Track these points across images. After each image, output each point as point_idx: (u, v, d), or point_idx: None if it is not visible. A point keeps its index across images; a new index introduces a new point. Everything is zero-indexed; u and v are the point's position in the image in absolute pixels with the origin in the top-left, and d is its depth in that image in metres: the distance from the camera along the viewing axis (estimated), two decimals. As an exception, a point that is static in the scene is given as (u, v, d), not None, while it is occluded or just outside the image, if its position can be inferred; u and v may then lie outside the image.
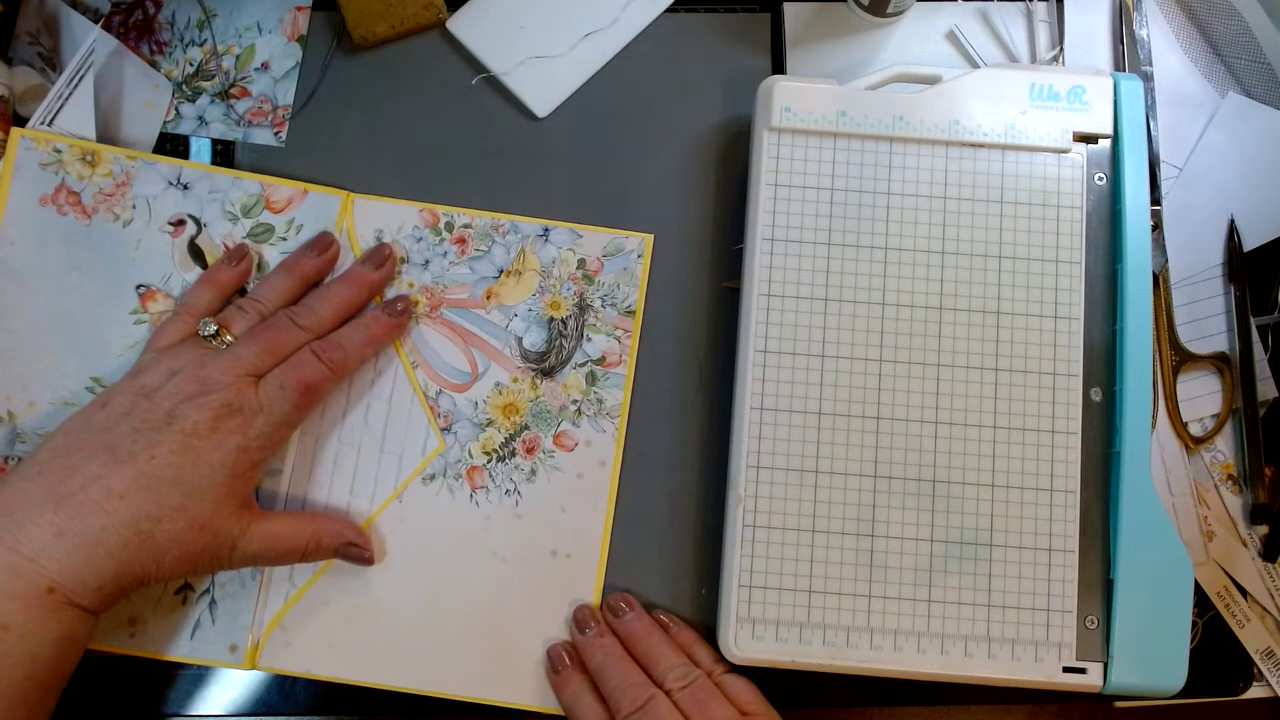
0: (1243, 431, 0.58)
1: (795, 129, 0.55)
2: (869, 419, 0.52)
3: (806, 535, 0.51)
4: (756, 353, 0.53)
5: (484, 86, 0.61)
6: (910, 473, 0.52)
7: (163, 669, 0.55)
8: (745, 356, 0.53)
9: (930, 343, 0.53)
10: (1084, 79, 0.55)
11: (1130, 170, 0.54)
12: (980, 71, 0.56)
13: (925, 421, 0.52)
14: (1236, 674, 0.56)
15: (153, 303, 0.57)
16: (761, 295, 0.53)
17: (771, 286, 0.54)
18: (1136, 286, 0.53)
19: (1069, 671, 0.50)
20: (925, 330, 0.53)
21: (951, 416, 0.52)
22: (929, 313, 0.53)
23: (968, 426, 0.52)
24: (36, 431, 0.55)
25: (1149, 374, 0.52)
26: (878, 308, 0.53)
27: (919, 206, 0.54)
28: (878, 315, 0.53)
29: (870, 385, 0.53)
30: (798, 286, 0.53)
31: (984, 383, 0.52)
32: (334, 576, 0.55)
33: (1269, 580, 0.56)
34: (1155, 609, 0.50)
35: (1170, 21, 0.62)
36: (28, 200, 0.56)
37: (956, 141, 0.54)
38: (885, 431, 0.52)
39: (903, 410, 0.52)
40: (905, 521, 0.52)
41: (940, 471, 0.52)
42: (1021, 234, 0.54)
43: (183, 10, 0.62)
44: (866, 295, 0.53)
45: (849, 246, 0.54)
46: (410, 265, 0.58)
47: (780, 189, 0.54)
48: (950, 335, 0.53)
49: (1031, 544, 0.51)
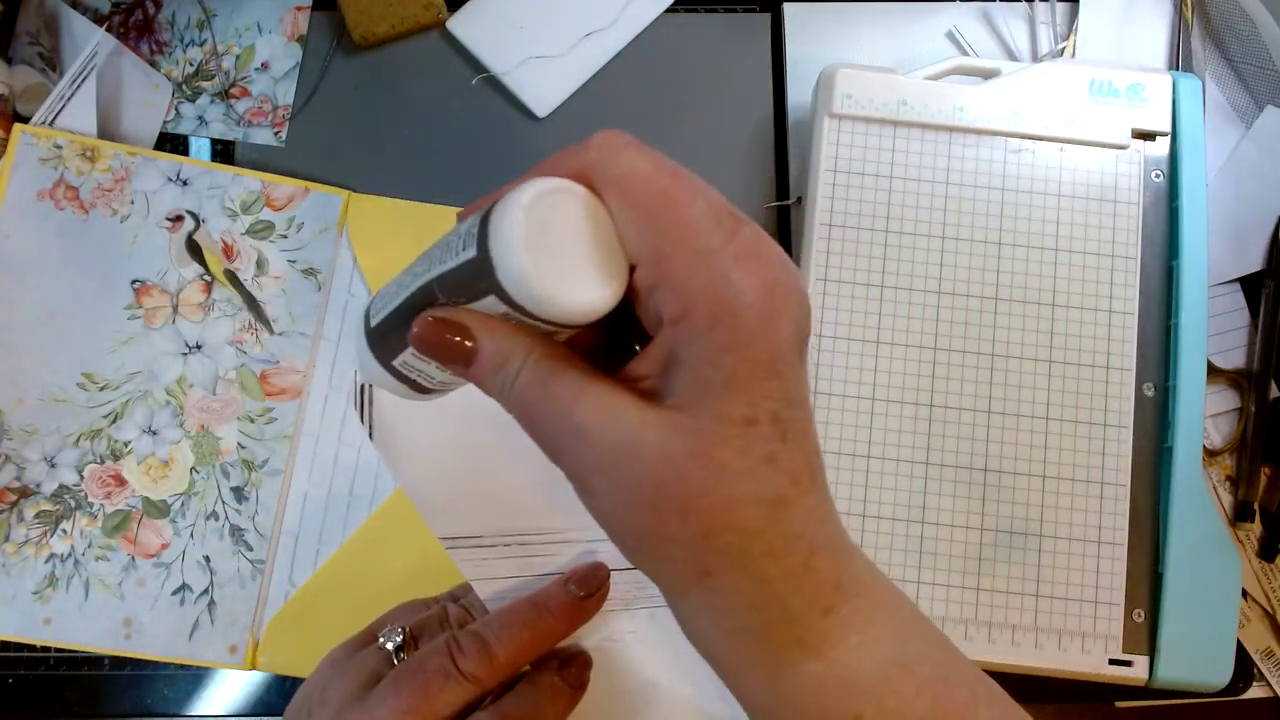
0: (1247, 430, 0.57)
1: (855, 116, 0.54)
2: (922, 406, 0.52)
3: (857, 520, 0.51)
4: (812, 337, 0.53)
5: (484, 86, 0.61)
6: (962, 461, 0.51)
7: (163, 669, 0.54)
8: None
9: (985, 333, 0.52)
10: (1143, 76, 0.55)
11: (1187, 167, 0.53)
12: (1041, 66, 0.55)
13: (978, 411, 0.52)
14: (1236, 674, 0.55)
15: (147, 298, 0.56)
16: (818, 280, 0.53)
17: (829, 272, 0.53)
18: (1192, 283, 0.52)
19: (1115, 664, 0.49)
20: (980, 320, 0.52)
21: (1004, 406, 0.52)
22: (984, 303, 0.53)
23: (1020, 417, 0.52)
24: (24, 428, 0.54)
25: (1202, 370, 0.52)
26: (934, 296, 0.53)
27: (976, 197, 0.53)
28: (933, 304, 0.53)
29: (924, 373, 0.52)
30: (854, 272, 0.53)
31: (1037, 374, 0.52)
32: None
33: (1266, 580, 0.56)
34: (1203, 604, 0.50)
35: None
36: (25, 194, 0.55)
37: (1016, 134, 0.54)
38: (938, 419, 0.52)
39: (955, 399, 0.52)
40: (956, 509, 0.51)
41: (992, 461, 0.51)
42: (1078, 228, 0.53)
43: (183, 10, 0.61)
44: (923, 284, 0.53)
45: (906, 234, 0.53)
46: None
47: (839, 175, 0.54)
48: (1005, 326, 0.52)
49: (1081, 536, 0.51)
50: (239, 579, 0.53)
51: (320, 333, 0.56)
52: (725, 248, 0.26)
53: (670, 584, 0.29)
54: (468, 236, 0.26)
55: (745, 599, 0.28)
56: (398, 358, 0.31)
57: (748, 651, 0.29)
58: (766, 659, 0.29)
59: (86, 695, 0.53)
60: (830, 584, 0.28)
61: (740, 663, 0.29)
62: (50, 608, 0.52)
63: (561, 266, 0.26)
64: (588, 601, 0.38)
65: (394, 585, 0.53)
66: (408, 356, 0.31)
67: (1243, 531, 0.56)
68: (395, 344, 0.31)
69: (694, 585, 0.28)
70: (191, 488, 0.54)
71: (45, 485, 0.54)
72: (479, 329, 0.28)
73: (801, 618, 0.28)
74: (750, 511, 0.27)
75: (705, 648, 0.30)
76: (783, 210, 0.59)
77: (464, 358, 0.28)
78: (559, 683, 0.38)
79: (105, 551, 0.53)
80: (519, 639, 0.37)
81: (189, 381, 0.55)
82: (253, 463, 0.54)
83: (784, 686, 0.29)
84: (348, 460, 0.55)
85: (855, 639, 0.29)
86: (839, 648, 0.28)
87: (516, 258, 0.25)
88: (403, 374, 0.32)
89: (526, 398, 0.28)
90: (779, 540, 0.27)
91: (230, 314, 0.56)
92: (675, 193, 0.26)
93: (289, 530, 0.54)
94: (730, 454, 0.26)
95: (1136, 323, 0.53)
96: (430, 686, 0.35)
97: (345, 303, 0.56)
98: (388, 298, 0.31)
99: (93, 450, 0.54)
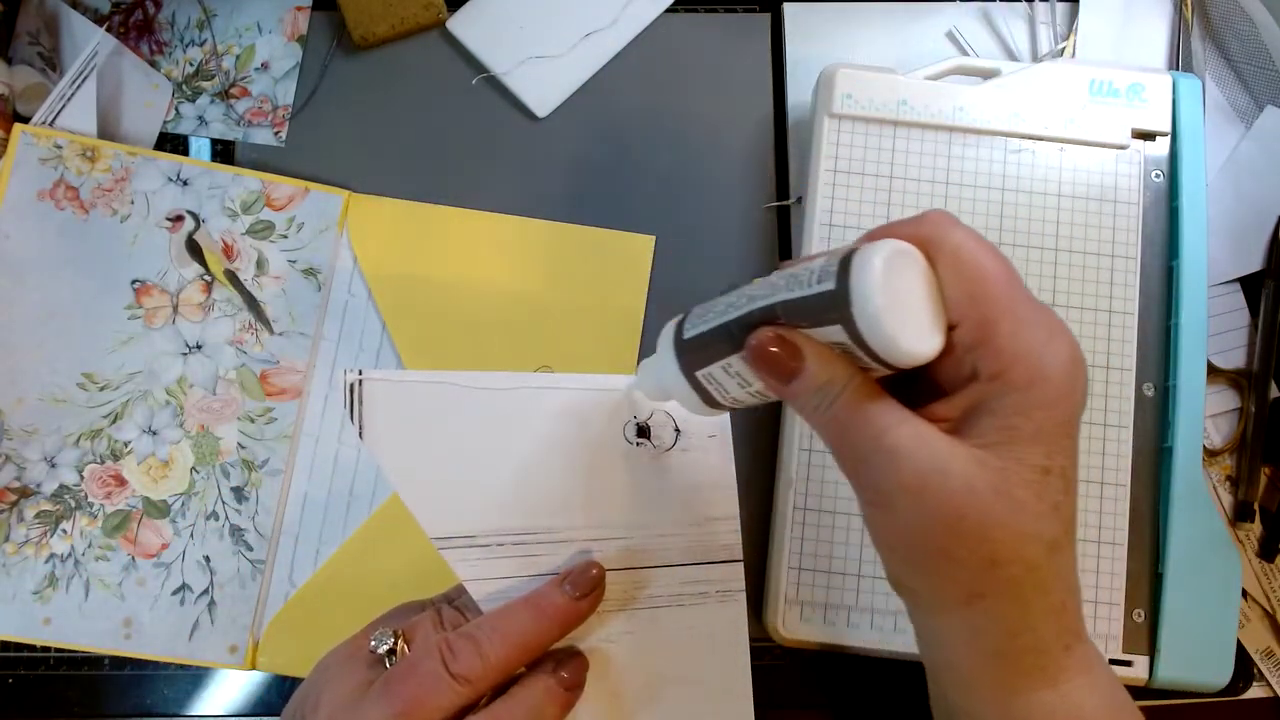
0: (1247, 430, 0.56)
1: (855, 116, 0.54)
2: None
3: (857, 519, 0.50)
4: None
5: (484, 86, 0.60)
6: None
7: (163, 669, 0.53)
8: None
9: None
10: (1143, 76, 0.54)
11: (1187, 167, 0.53)
12: (1041, 66, 0.55)
13: None
14: (1236, 674, 0.55)
15: (147, 298, 0.55)
16: None
17: None
18: (1192, 283, 0.52)
19: (1115, 664, 0.49)
20: None
21: None
22: None
23: (1021, 417, 0.52)
24: (24, 428, 0.54)
25: (1203, 370, 0.51)
26: None
27: (976, 197, 0.53)
28: None
29: None
30: None
31: None
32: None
33: (1266, 580, 0.56)
34: (1204, 604, 0.50)
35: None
36: (25, 194, 0.55)
37: (1016, 134, 0.54)
38: None
39: None
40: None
41: (994, 461, 0.51)
42: (1078, 228, 0.53)
43: (183, 10, 0.61)
44: None
45: None
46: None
47: (839, 175, 0.53)
48: None
49: (1081, 535, 0.49)
50: (239, 579, 0.53)
51: (320, 333, 0.56)
52: (1040, 321, 0.31)
53: (937, 600, 0.33)
54: (823, 273, 0.30)
55: (1007, 625, 0.32)
56: (704, 369, 0.35)
57: (993, 672, 0.33)
58: (1008, 682, 0.33)
59: (86, 695, 0.53)
60: (1072, 627, 0.33)
61: (982, 681, 0.33)
62: (50, 608, 0.52)
63: (903, 315, 0.30)
64: (583, 602, 0.38)
65: (394, 585, 0.53)
66: (715, 369, 0.35)
67: (1243, 531, 0.56)
68: (707, 356, 0.35)
69: (962, 605, 0.32)
70: (191, 488, 0.54)
71: (45, 485, 0.53)
72: (810, 351, 0.32)
73: (1048, 650, 0.32)
74: (1034, 549, 0.31)
75: (948, 661, 0.34)
76: (783, 210, 0.59)
77: (788, 374, 0.32)
78: (554, 685, 0.38)
79: (105, 551, 0.53)
80: (512, 641, 0.37)
81: (189, 381, 0.55)
82: (253, 463, 0.54)
83: (1018, 709, 0.33)
84: (348, 460, 0.55)
85: (1083, 679, 0.33)
86: (1070, 683, 0.33)
87: (872, 299, 0.29)
88: (701, 384, 0.36)
89: (843, 417, 0.32)
90: (1049, 578, 0.31)
91: (230, 314, 0.56)
92: (1002, 269, 0.31)
93: (289, 530, 0.54)
94: (1027, 495, 0.30)
95: (1136, 323, 0.52)
96: (422, 690, 0.35)
97: (345, 303, 0.56)
98: (711, 314, 0.35)
99: (93, 450, 0.54)
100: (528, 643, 0.37)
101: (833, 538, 0.50)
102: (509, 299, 0.56)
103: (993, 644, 0.33)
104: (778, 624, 0.50)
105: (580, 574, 0.39)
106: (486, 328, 0.56)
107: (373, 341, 0.56)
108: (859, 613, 0.50)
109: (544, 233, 0.57)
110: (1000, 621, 0.32)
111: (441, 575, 0.56)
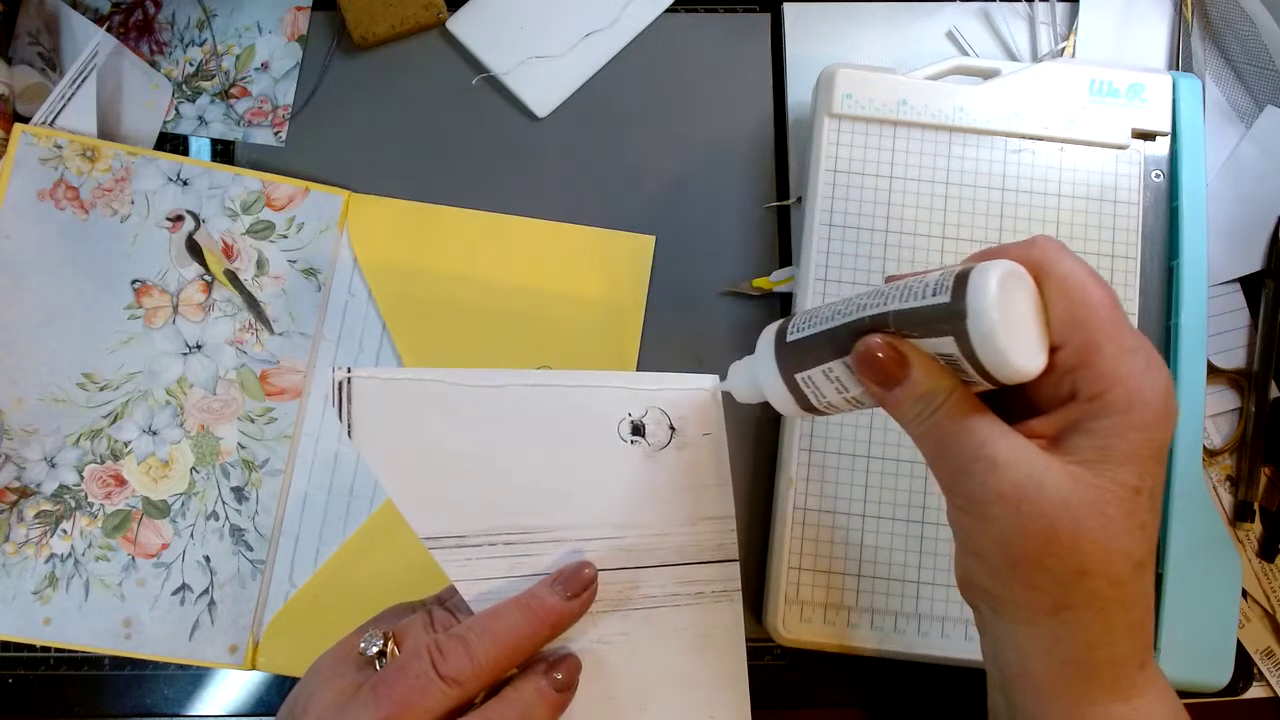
0: (1247, 430, 0.56)
1: (855, 116, 0.54)
2: None
3: (857, 520, 0.50)
4: None
5: (484, 86, 0.60)
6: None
7: (163, 669, 0.53)
8: None
9: None
10: (1143, 76, 0.54)
11: (1187, 167, 0.53)
12: (1041, 66, 0.55)
13: None
14: (1236, 674, 0.55)
15: (147, 298, 0.55)
16: (818, 280, 0.52)
17: (829, 272, 0.52)
18: (1192, 282, 0.52)
19: None
20: None
21: None
22: None
23: (1020, 418, 0.52)
24: (24, 428, 0.54)
25: (1203, 370, 0.51)
26: None
27: (976, 197, 0.53)
28: None
29: None
30: (854, 272, 0.52)
31: None
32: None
33: (1266, 580, 0.56)
34: (1203, 604, 0.50)
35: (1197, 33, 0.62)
36: (25, 194, 0.55)
37: (1016, 134, 0.54)
38: None
39: None
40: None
41: (994, 460, 0.51)
42: (1078, 228, 0.53)
43: (183, 10, 0.61)
44: None
45: (906, 234, 0.53)
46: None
47: (839, 174, 0.53)
48: None
49: None
50: (239, 579, 0.53)
51: (320, 333, 0.56)
52: (1140, 348, 0.32)
53: (1023, 608, 0.34)
54: (938, 287, 0.32)
55: (1088, 637, 0.33)
56: (804, 371, 0.36)
57: (1069, 682, 0.34)
58: (1082, 693, 0.34)
59: (86, 695, 0.53)
60: (1146, 644, 0.34)
61: (1057, 691, 0.34)
62: (50, 608, 0.52)
63: (1013, 333, 0.31)
64: (574, 602, 0.38)
65: (394, 585, 0.53)
66: (815, 373, 0.36)
67: (1243, 531, 0.56)
68: (809, 359, 0.36)
69: (1046, 615, 0.33)
70: (192, 488, 0.54)
71: (45, 485, 0.53)
72: (916, 360, 0.33)
73: (1122, 665, 0.34)
74: (1121, 565, 0.32)
75: (1025, 669, 0.35)
76: (783, 210, 0.59)
77: (892, 381, 0.33)
78: (545, 686, 0.37)
79: (105, 551, 0.53)
80: (502, 642, 0.36)
81: (189, 381, 0.55)
82: (253, 463, 0.54)
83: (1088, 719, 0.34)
84: (348, 460, 0.55)
85: (1152, 694, 0.34)
86: (1141, 698, 0.34)
87: (989, 314, 0.30)
88: (799, 387, 0.37)
89: (944, 426, 0.33)
90: (1131, 595, 0.33)
91: (230, 314, 0.56)
92: (1107, 298, 0.33)
93: (289, 530, 0.54)
94: (1119, 513, 0.31)
95: (1136, 322, 0.52)
96: (411, 692, 0.35)
97: (345, 303, 0.56)
98: (818, 319, 0.36)
99: (93, 450, 0.54)
100: (518, 644, 0.37)
101: (833, 538, 0.50)
102: (509, 299, 0.56)
103: (1072, 654, 0.34)
104: (778, 624, 0.50)
105: (572, 574, 0.39)
106: (486, 327, 0.56)
107: (373, 341, 0.56)
108: (859, 613, 0.50)
109: (544, 233, 0.57)
110: (1082, 633, 0.33)
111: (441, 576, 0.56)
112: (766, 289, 0.56)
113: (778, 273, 0.57)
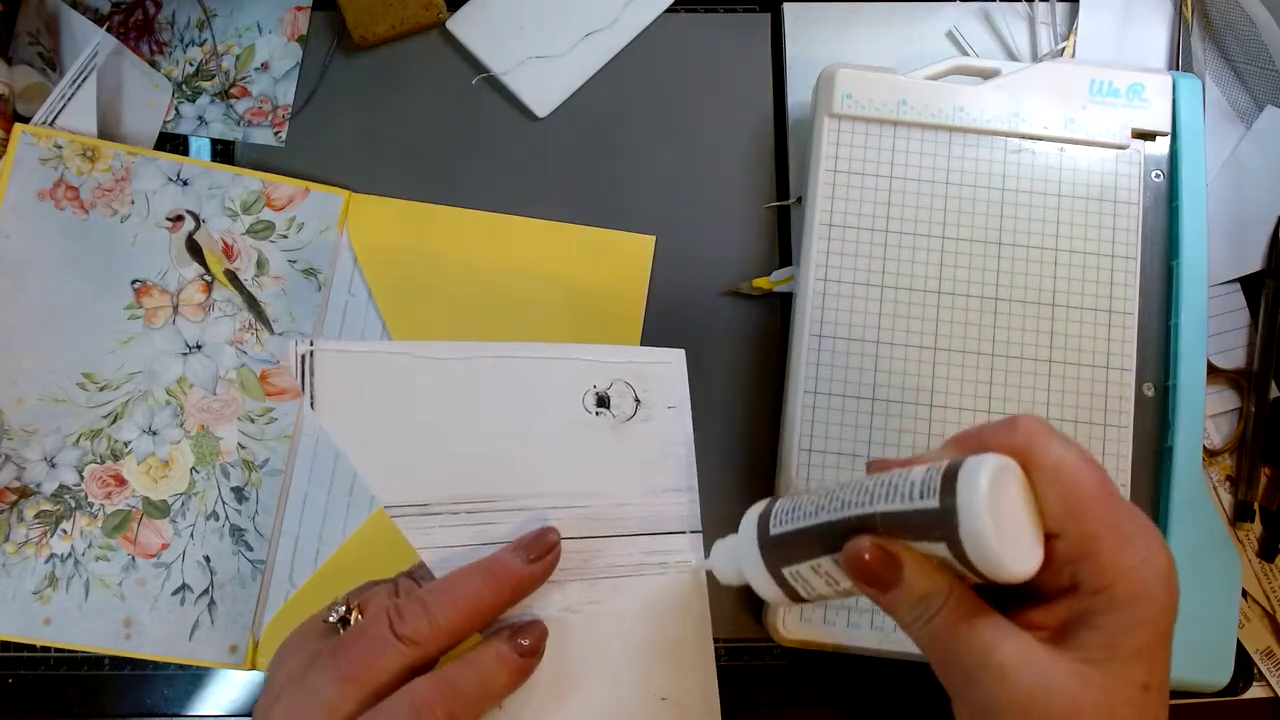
0: (1247, 430, 0.56)
1: (855, 116, 0.54)
2: (922, 406, 0.51)
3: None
4: (811, 337, 0.52)
5: (484, 86, 0.60)
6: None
7: (163, 669, 0.53)
8: (799, 343, 0.52)
9: (984, 333, 0.52)
10: (1143, 76, 0.54)
11: (1187, 167, 0.53)
12: (1041, 66, 0.55)
13: (978, 411, 0.51)
14: (1236, 674, 0.55)
15: (147, 298, 0.55)
16: (818, 280, 0.52)
17: (829, 272, 0.52)
18: (1192, 283, 0.52)
19: None
20: (980, 320, 0.52)
21: (1004, 407, 0.51)
22: (984, 303, 0.52)
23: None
24: (24, 428, 0.54)
25: (1203, 370, 0.51)
26: (933, 296, 0.52)
27: (976, 197, 0.53)
28: (933, 304, 0.52)
29: (924, 373, 0.51)
30: (854, 272, 0.52)
31: (1037, 374, 0.52)
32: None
33: (1266, 580, 0.56)
34: (1203, 604, 0.49)
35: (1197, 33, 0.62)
36: (25, 194, 0.55)
37: (1016, 134, 0.54)
38: (938, 420, 0.51)
39: (956, 399, 0.51)
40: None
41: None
42: (1078, 228, 0.53)
43: (183, 10, 0.61)
44: (923, 284, 0.52)
45: (906, 234, 0.53)
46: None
47: (839, 174, 0.53)
48: (1005, 326, 0.52)
49: None
50: (239, 579, 0.53)
51: (320, 333, 0.56)
52: (1139, 535, 0.32)
53: None
54: (925, 488, 0.31)
55: None
56: (790, 567, 0.35)
57: None
58: None
59: (86, 695, 0.53)
60: None
61: None
62: (50, 608, 0.52)
63: (1006, 534, 0.30)
64: (536, 565, 0.38)
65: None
66: (802, 568, 0.35)
67: (1243, 531, 0.56)
68: (794, 554, 0.35)
69: None
70: (192, 488, 0.54)
71: (45, 485, 0.53)
72: (909, 562, 0.32)
73: None
74: None
75: None
76: (783, 210, 0.59)
77: (886, 584, 0.32)
78: (508, 651, 0.37)
79: (105, 551, 0.53)
80: (462, 604, 0.36)
81: (189, 381, 0.55)
82: (253, 463, 0.54)
83: None
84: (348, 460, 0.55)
85: None
86: None
87: (980, 520, 0.29)
88: (786, 581, 0.36)
89: (944, 632, 0.32)
90: None
91: (230, 314, 0.55)
92: (1101, 484, 0.32)
93: (289, 530, 0.54)
94: (1129, 713, 0.31)
95: (1136, 323, 0.52)
96: (368, 651, 0.35)
97: (345, 303, 0.56)
98: (799, 513, 0.35)
99: (93, 450, 0.54)
100: (478, 605, 0.37)
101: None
102: (509, 299, 0.56)
103: None
104: (778, 624, 0.50)
105: (535, 539, 0.39)
106: (486, 327, 0.56)
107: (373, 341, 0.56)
108: (859, 613, 0.49)
109: (544, 233, 0.57)
110: None
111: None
112: (766, 289, 0.56)
113: (778, 273, 0.57)
